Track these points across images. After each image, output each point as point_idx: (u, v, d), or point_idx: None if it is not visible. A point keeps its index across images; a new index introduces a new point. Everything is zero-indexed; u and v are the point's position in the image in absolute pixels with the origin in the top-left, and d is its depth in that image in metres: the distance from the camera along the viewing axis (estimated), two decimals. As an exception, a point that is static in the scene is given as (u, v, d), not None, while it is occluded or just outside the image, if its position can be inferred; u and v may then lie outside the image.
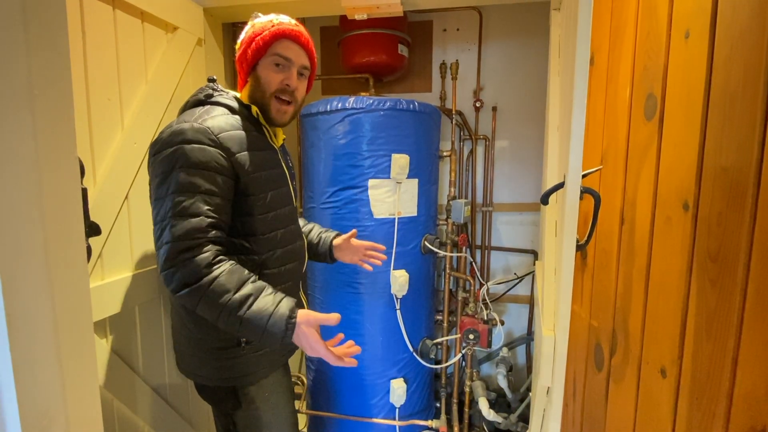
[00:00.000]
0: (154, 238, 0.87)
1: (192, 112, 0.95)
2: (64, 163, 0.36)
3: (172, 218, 0.83)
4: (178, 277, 0.82)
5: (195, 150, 0.87)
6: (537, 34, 1.95)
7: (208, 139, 0.89)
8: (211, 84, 1.04)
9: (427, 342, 1.76)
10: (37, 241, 0.35)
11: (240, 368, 1.01)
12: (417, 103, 1.58)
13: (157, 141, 0.91)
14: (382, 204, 1.57)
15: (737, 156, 0.60)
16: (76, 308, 0.40)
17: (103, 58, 1.10)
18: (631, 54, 0.89)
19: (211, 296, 0.82)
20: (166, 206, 0.85)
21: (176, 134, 0.88)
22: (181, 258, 0.82)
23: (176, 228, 0.83)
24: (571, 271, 0.73)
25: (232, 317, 0.83)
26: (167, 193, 0.85)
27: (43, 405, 0.36)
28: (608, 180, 1.00)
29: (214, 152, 0.89)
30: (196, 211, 0.84)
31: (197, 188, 0.85)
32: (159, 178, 0.87)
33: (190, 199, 0.84)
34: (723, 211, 0.63)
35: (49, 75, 0.35)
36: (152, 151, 0.91)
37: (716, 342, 0.64)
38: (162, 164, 0.87)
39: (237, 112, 1.00)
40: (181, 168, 0.85)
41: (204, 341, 1.00)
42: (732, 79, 0.62)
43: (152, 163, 0.91)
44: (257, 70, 1.00)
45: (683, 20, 0.73)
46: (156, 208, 0.88)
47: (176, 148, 0.86)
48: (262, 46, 0.98)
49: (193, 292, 0.82)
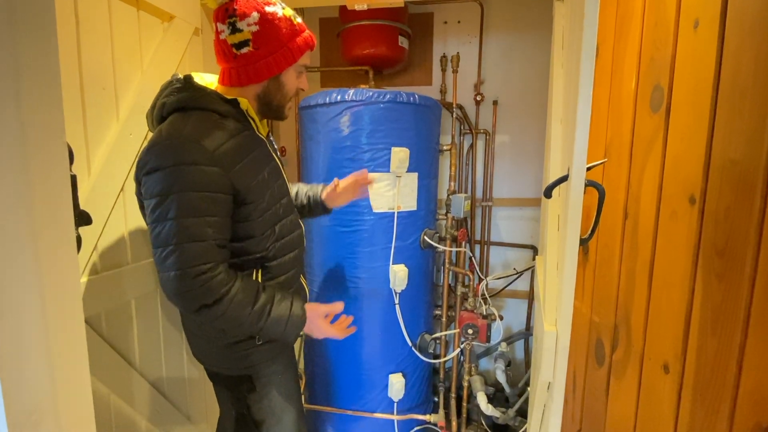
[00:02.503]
0: (154, 256, 0.86)
1: (178, 123, 0.88)
2: (52, 147, 0.34)
3: (179, 244, 0.82)
4: (194, 299, 0.85)
5: (193, 172, 0.83)
6: (539, 27, 1.92)
7: (204, 159, 0.84)
8: (187, 83, 0.94)
9: (425, 337, 1.75)
10: (24, 230, 0.33)
11: (255, 357, 1.05)
12: (417, 96, 1.56)
13: (148, 158, 0.85)
14: (381, 198, 1.56)
15: (747, 148, 0.59)
16: (66, 300, 0.38)
17: (98, 47, 1.08)
18: (637, 45, 0.88)
19: (232, 313, 0.88)
20: (168, 230, 0.83)
21: (169, 153, 0.83)
22: (196, 282, 0.83)
23: (185, 254, 0.83)
24: (575, 266, 0.71)
25: (253, 327, 0.92)
26: (167, 217, 0.82)
27: (31, 401, 0.34)
28: (612, 174, 0.99)
29: (211, 171, 0.85)
30: (203, 235, 0.84)
31: (200, 211, 0.84)
32: (156, 200, 0.84)
33: (194, 223, 0.83)
34: (731, 204, 0.62)
35: (36, 54, 0.34)
36: (143, 168, 0.85)
37: (722, 338, 0.63)
38: (157, 185, 0.83)
39: (223, 114, 0.93)
40: (181, 191, 0.82)
41: (219, 338, 1.03)
42: (742, 69, 0.60)
43: (145, 181, 0.85)
44: (281, 77, 0.98)
45: (692, 10, 0.71)
46: (155, 230, 0.85)
47: (172, 170, 0.82)
48: (291, 58, 0.95)
49: (212, 311, 0.86)
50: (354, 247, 1.58)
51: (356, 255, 1.58)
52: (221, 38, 0.94)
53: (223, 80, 0.99)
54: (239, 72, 0.95)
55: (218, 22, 0.94)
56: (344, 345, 1.66)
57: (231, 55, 0.94)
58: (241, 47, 0.92)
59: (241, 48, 0.92)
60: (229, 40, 0.93)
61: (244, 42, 0.92)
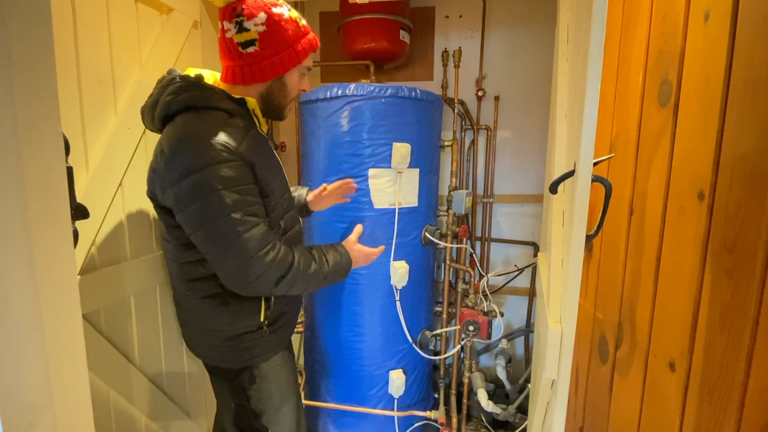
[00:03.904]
0: (214, 256, 0.91)
1: (194, 124, 0.89)
2: (47, 137, 0.33)
3: (240, 234, 0.87)
4: (270, 278, 0.92)
5: (226, 169, 0.86)
6: (541, 22, 1.90)
7: (231, 156, 0.88)
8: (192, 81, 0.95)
9: (426, 333, 1.75)
10: (18, 223, 0.32)
11: (256, 350, 1.07)
12: (419, 91, 1.54)
13: (176, 164, 0.86)
14: (382, 194, 1.54)
15: (759, 142, 0.58)
16: (62, 296, 0.37)
17: (95, 39, 1.05)
18: (644, 38, 0.86)
19: (303, 274, 0.98)
20: (224, 227, 0.87)
21: (199, 155, 0.85)
22: (267, 263, 0.91)
23: (250, 241, 0.88)
24: (580, 263, 0.70)
25: (323, 279, 1.03)
26: (217, 216, 0.86)
27: (27, 400, 0.33)
28: (617, 169, 0.98)
29: (239, 165, 0.89)
30: (256, 222, 0.91)
31: (244, 203, 0.89)
32: (199, 203, 0.86)
33: (244, 212, 0.88)
34: (742, 200, 0.60)
35: (30, 40, 0.32)
36: (174, 174, 0.86)
37: (730, 335, 0.62)
38: (195, 190, 0.85)
39: (232, 112, 0.95)
40: (222, 189, 0.86)
41: (222, 332, 1.04)
42: (755, 62, 0.59)
43: (179, 188, 0.86)
44: (284, 77, 1.00)
45: (703, 2, 0.70)
46: (207, 231, 0.88)
47: (206, 171, 0.85)
48: (296, 59, 0.98)
49: (288, 281, 0.95)
50: (355, 243, 1.57)
51: (357, 251, 1.57)
52: (227, 36, 0.95)
53: (226, 78, 1.00)
54: (244, 71, 0.97)
55: (225, 20, 0.95)
56: (344, 341, 1.65)
57: (236, 54, 0.95)
58: (247, 46, 0.94)
59: (247, 47, 0.94)
60: (235, 38, 0.94)
61: (251, 41, 0.93)
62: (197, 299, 1.04)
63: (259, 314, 1.05)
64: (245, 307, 1.03)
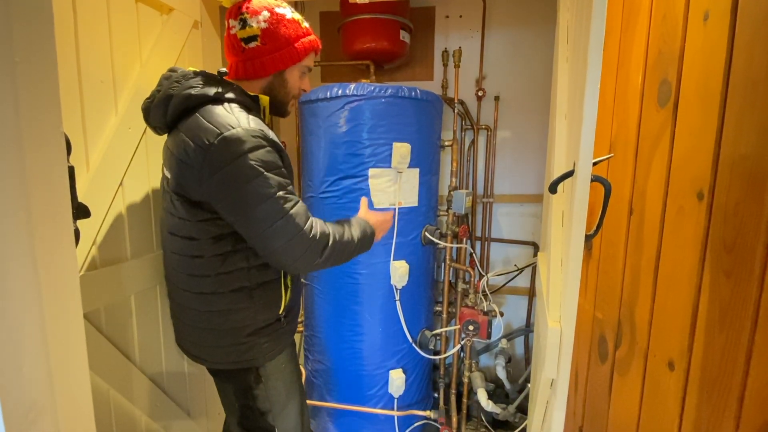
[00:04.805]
0: (261, 238, 0.92)
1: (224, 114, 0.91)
2: (49, 137, 0.33)
3: (286, 214, 0.91)
4: (317, 250, 0.96)
5: (263, 154, 0.90)
6: (541, 22, 1.90)
7: (266, 141, 0.91)
8: (221, 78, 1.00)
9: (426, 333, 1.75)
10: (21, 222, 0.32)
11: (260, 349, 1.07)
12: (419, 91, 1.55)
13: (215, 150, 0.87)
14: (382, 194, 1.54)
15: (758, 142, 0.58)
16: (63, 294, 0.37)
17: (96, 39, 1.06)
18: (644, 38, 0.86)
19: (341, 243, 1.01)
20: (273, 206, 0.90)
21: (238, 142, 0.87)
22: (313, 237, 0.95)
23: (296, 220, 0.92)
24: (580, 262, 0.70)
25: (353, 249, 1.05)
26: (267, 196, 0.89)
27: (29, 397, 0.34)
28: (617, 169, 0.98)
29: (273, 151, 0.93)
30: (295, 198, 0.95)
31: (283, 185, 0.92)
32: (247, 186, 0.88)
33: (285, 192, 0.92)
34: (741, 200, 0.61)
35: (32, 41, 0.32)
36: (215, 162, 0.88)
37: (729, 334, 0.62)
38: (243, 173, 0.88)
39: (249, 107, 0.99)
40: (262, 173, 0.89)
41: (230, 332, 1.04)
42: (755, 62, 0.59)
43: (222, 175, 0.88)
44: (285, 74, 1.03)
45: (702, 2, 0.70)
46: (253, 215, 0.91)
47: (244, 158, 0.87)
48: (296, 57, 1.01)
49: (331, 250, 0.98)
50: (355, 242, 1.57)
51: (357, 251, 1.57)
52: (231, 33, 1.00)
53: (231, 74, 1.04)
54: (246, 65, 1.01)
55: (230, 18, 1.01)
56: (344, 341, 1.65)
57: (239, 49, 1.00)
58: (250, 42, 0.99)
59: (249, 42, 0.99)
60: (239, 34, 0.99)
61: (253, 37, 0.98)
62: (223, 294, 1.01)
63: (279, 306, 1.08)
64: (269, 299, 1.05)
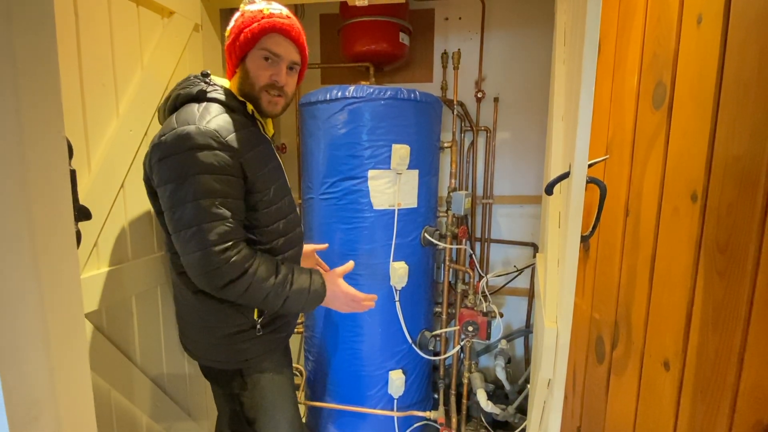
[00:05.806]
0: (177, 241, 0.89)
1: (191, 112, 0.93)
2: (51, 141, 0.34)
3: (201, 225, 0.86)
4: (220, 276, 0.88)
5: (207, 155, 0.87)
6: (540, 24, 1.91)
7: (217, 143, 0.89)
8: (202, 78, 1.02)
9: (426, 334, 1.75)
10: (23, 225, 0.33)
11: (249, 352, 1.06)
12: (418, 93, 1.56)
13: (160, 144, 0.89)
14: (381, 195, 1.55)
15: (750, 144, 0.59)
16: (65, 295, 0.38)
17: (97, 42, 1.07)
18: (639, 41, 0.87)
19: (257, 285, 0.92)
20: (188, 213, 0.86)
21: (183, 138, 0.87)
22: (221, 260, 0.87)
23: (209, 233, 0.86)
24: (575, 263, 0.71)
25: (278, 298, 0.95)
26: (187, 200, 0.86)
27: (31, 396, 0.34)
28: (613, 171, 0.99)
29: (223, 156, 0.89)
30: (223, 215, 0.88)
31: (217, 193, 0.87)
32: (172, 184, 0.87)
33: (213, 203, 0.87)
34: (733, 201, 0.61)
35: (34, 47, 0.33)
36: (157, 155, 0.89)
37: (723, 334, 0.63)
38: (172, 170, 0.87)
39: (233, 108, 0.99)
40: (197, 174, 0.86)
41: (217, 328, 1.04)
42: (746, 65, 0.60)
43: (158, 168, 0.89)
44: (246, 63, 0.99)
45: (695, 5, 0.71)
46: (175, 213, 0.88)
47: (187, 155, 0.86)
48: (251, 39, 0.96)
49: (238, 286, 0.90)
50: (354, 243, 1.58)
51: (356, 252, 1.58)
52: None
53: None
54: (226, 66, 1.05)
55: None
56: (344, 342, 1.66)
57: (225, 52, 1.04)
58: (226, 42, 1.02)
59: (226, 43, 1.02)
60: None
61: (227, 37, 1.01)
62: (190, 294, 1.02)
63: (252, 312, 1.04)
64: (238, 303, 1.00)
